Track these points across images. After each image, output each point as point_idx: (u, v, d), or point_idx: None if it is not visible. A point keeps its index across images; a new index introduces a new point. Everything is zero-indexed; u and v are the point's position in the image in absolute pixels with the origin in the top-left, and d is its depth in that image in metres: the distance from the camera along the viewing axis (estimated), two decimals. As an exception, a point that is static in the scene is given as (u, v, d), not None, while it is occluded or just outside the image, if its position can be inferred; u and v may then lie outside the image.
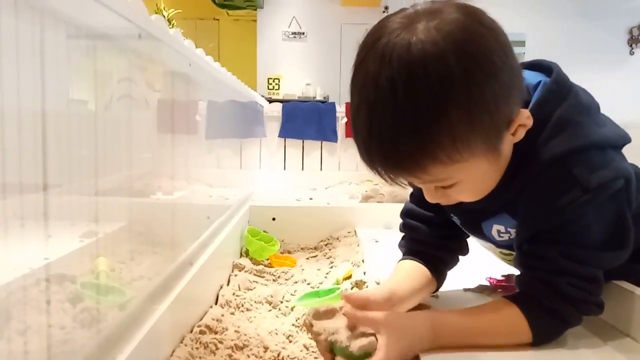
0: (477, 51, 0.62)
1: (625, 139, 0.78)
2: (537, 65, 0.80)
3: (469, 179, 0.70)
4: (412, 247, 0.94)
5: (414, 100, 0.61)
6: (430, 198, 0.75)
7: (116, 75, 0.74)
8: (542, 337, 0.74)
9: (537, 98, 0.73)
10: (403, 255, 0.95)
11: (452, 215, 0.90)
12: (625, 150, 0.80)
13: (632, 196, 0.74)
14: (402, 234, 0.98)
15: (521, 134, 0.70)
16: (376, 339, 0.71)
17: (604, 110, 0.80)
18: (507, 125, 0.67)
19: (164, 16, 5.14)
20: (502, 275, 1.04)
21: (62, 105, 0.62)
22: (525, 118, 0.68)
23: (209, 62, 1.18)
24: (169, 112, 0.96)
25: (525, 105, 0.73)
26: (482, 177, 0.72)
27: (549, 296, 0.73)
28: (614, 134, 0.76)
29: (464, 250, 0.95)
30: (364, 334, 0.71)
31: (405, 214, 0.96)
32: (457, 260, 0.95)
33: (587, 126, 0.73)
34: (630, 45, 6.47)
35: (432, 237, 0.92)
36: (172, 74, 0.96)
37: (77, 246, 0.68)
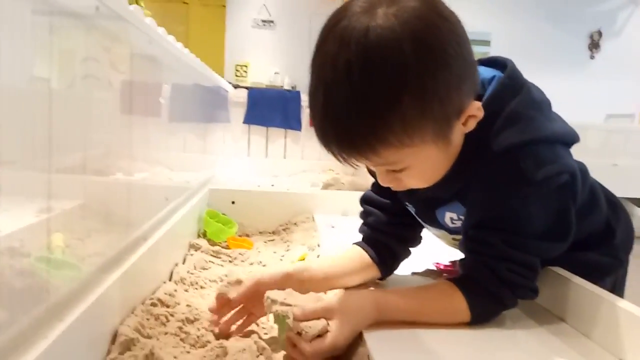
0: (432, 40, 0.64)
1: (574, 138, 0.81)
2: (492, 62, 0.83)
3: (419, 164, 0.72)
4: (365, 232, 0.97)
5: (368, 84, 0.63)
6: (382, 181, 0.77)
7: (78, 52, 0.74)
8: (479, 317, 0.78)
9: (491, 92, 0.76)
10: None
11: (407, 204, 0.93)
12: (580, 149, 0.83)
13: (578, 191, 0.79)
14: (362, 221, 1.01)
15: (472, 125, 0.73)
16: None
17: (563, 111, 0.84)
18: (458, 114, 0.70)
19: (131, -3, 5.04)
20: (449, 261, 1.09)
21: (25, 83, 0.63)
22: (475, 109, 0.71)
23: (170, 42, 1.18)
24: (132, 93, 0.96)
25: (479, 99, 0.76)
26: (432, 164, 0.74)
27: (488, 279, 0.77)
28: (564, 131, 0.80)
29: (416, 241, 0.99)
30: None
31: (363, 200, 0.99)
32: (408, 251, 0.98)
33: (537, 121, 0.76)
34: (591, 50, 6.66)
35: (385, 225, 0.95)
36: (134, 54, 0.96)
37: (33, 221, 0.69)
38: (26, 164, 0.62)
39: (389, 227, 0.95)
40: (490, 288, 0.77)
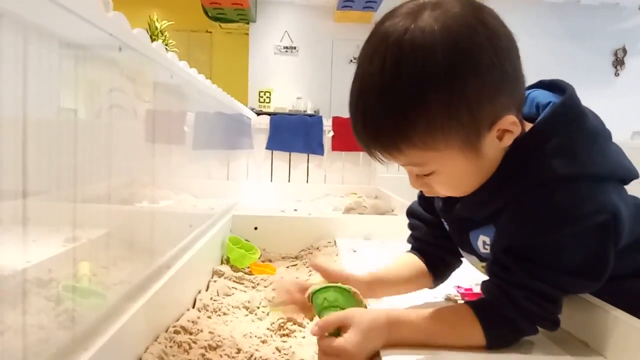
0: (467, 46, 0.65)
1: (632, 174, 0.78)
2: (553, 85, 0.81)
3: (446, 170, 0.72)
4: (414, 243, 0.98)
5: (398, 81, 0.65)
6: (412, 184, 0.79)
7: (103, 86, 0.78)
8: (495, 341, 0.76)
9: (543, 117, 0.74)
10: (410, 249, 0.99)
11: (443, 221, 0.93)
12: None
13: (622, 231, 0.74)
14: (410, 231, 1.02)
15: (508, 141, 0.71)
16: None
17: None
18: (489, 126, 0.69)
19: (157, 27, 5.19)
20: (469, 287, 1.08)
21: (52, 114, 0.66)
22: (509, 124, 0.69)
23: (192, 74, 1.22)
24: (155, 122, 0.99)
25: (531, 121, 0.75)
26: (460, 173, 0.74)
27: (505, 305, 0.75)
28: (617, 166, 0.77)
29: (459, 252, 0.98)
30: None
31: (409, 212, 1.01)
32: (460, 260, 0.97)
33: (585, 156, 0.73)
34: (615, 67, 6.59)
35: (431, 237, 0.96)
36: (158, 85, 0.99)
37: (60, 250, 0.71)
38: (53, 194, 0.65)
39: (434, 238, 0.95)
40: (505, 313, 0.74)
